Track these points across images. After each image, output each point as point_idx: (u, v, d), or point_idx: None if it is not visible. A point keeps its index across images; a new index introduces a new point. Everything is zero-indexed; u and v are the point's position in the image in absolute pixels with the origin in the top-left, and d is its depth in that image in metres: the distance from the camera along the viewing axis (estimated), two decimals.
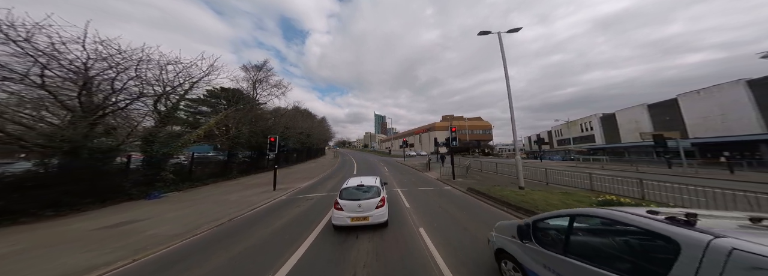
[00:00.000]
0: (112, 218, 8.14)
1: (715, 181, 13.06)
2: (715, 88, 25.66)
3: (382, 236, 6.21)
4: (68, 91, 9.60)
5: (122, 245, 5.82)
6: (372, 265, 4.70)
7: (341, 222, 6.39)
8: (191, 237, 6.57)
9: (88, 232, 6.81)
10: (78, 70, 9.60)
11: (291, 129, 31.78)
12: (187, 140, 14.09)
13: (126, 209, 9.42)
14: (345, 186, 7.33)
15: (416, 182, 15.47)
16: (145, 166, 12.18)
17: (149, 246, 5.81)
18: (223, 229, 7.22)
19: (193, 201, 10.97)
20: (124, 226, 7.29)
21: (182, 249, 5.83)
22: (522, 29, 13.08)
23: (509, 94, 12.65)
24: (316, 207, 9.62)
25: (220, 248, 5.78)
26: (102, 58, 10.06)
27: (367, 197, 6.72)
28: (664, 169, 19.00)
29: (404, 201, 10.16)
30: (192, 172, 15.41)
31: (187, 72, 13.23)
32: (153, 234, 6.66)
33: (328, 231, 6.73)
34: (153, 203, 10.54)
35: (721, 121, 24.92)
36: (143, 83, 11.38)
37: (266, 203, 10.46)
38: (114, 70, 10.32)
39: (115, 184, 10.50)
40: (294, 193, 12.75)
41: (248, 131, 21.32)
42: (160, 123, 12.79)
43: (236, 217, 8.42)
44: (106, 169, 10.15)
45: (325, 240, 6.12)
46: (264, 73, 23.87)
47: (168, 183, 12.92)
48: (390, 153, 69.64)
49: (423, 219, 7.60)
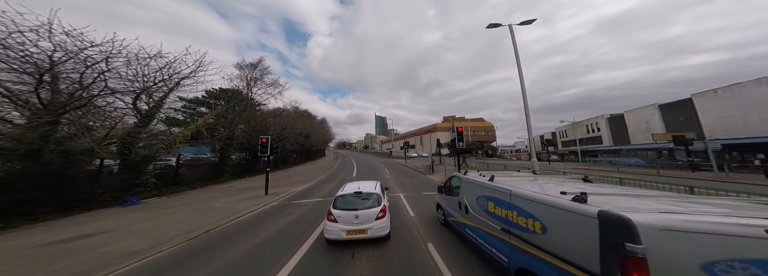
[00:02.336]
0: (70, 231, 7.02)
1: (755, 187, 11.84)
2: (736, 87, 24.34)
3: (383, 254, 5.14)
4: (22, 85, 8.53)
5: (59, 268, 4.71)
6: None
7: (335, 236, 5.41)
8: (154, 254, 5.47)
9: (28, 249, 5.68)
10: (30, 61, 8.47)
11: (289, 129, 30.72)
12: (172, 141, 12.99)
13: (92, 219, 8.31)
14: (341, 193, 6.25)
15: (420, 186, 14.33)
16: (123, 170, 11.07)
17: (94, 269, 4.69)
18: (195, 244, 6.11)
19: (173, 208, 9.86)
20: (77, 241, 6.17)
21: (135, 272, 4.71)
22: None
23: (523, 89, 11.53)
24: (308, 215, 8.51)
25: (183, 271, 4.68)
26: (70, 51, 9.00)
27: (366, 206, 5.73)
28: (687, 173, 17.76)
29: (408, 208, 9.04)
30: (178, 176, 14.30)
31: (171, 68, 12.17)
32: (108, 251, 5.54)
33: (319, 246, 5.68)
34: (127, 211, 9.43)
35: (743, 122, 23.58)
36: (117, 78, 10.28)
37: (253, 211, 9.35)
38: (83, 64, 9.25)
39: (83, 191, 9.39)
40: (287, 199, 11.64)
41: (242, 132, 20.27)
42: (141, 123, 11.71)
43: (215, 228, 7.31)
44: (72, 174, 9.01)
45: (315, 259, 5.05)
46: (259, 72, 22.82)
47: (149, 188, 11.82)
48: (391, 154, 68.54)
49: (431, 232, 6.51)
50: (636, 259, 2.11)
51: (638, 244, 2.10)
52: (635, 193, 3.37)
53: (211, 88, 24.21)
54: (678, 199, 2.99)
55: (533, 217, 3.28)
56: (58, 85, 9.25)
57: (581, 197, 2.73)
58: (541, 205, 3.19)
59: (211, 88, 24.56)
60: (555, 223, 2.97)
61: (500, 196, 4.13)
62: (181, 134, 13.75)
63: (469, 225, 5.19)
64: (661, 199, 2.92)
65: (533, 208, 3.33)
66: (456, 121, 75.48)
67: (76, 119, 9.76)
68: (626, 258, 2.15)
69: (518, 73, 11.83)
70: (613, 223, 2.28)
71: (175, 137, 13.37)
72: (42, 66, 8.76)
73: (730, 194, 6.13)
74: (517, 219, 3.59)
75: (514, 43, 12.12)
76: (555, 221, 2.97)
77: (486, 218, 4.49)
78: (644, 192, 3.53)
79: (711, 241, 2.02)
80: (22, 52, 8.41)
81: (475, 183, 5.21)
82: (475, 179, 5.27)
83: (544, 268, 3.01)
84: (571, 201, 2.81)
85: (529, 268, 3.23)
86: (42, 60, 8.84)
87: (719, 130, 25.78)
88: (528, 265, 3.27)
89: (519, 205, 3.61)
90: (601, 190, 3.48)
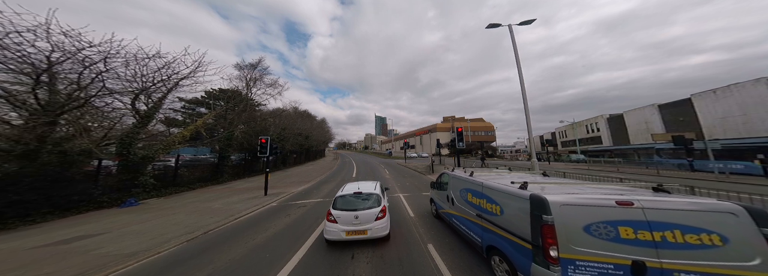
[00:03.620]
0: (67, 232, 6.96)
1: (755, 187, 11.81)
2: (734, 87, 24.30)
3: (383, 255, 5.10)
4: (19, 86, 8.47)
5: (55, 270, 4.65)
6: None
7: (335, 236, 5.40)
8: (151, 256, 5.42)
9: (25, 251, 5.62)
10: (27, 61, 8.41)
11: (288, 130, 30.64)
12: (171, 142, 12.93)
13: (90, 220, 8.24)
14: (340, 193, 6.23)
15: (420, 186, 14.27)
16: (122, 171, 11.00)
17: (90, 271, 4.63)
18: (193, 245, 6.06)
19: (171, 209, 9.80)
20: (74, 243, 6.11)
21: (132, 274, 4.66)
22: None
23: (523, 89, 11.49)
24: (308, 216, 8.46)
25: (181, 273, 4.63)
26: (68, 52, 8.94)
27: (366, 207, 5.72)
28: (687, 173, 17.69)
29: (408, 209, 8.99)
30: (177, 176, 14.23)
31: (170, 68, 12.11)
32: (105, 253, 5.49)
33: (318, 247, 5.64)
34: (125, 212, 9.36)
35: (742, 122, 23.54)
36: (115, 78, 10.21)
37: (252, 211, 9.29)
38: (81, 65, 9.18)
39: (81, 192, 9.32)
40: (286, 199, 11.58)
41: (242, 132, 20.20)
42: (140, 123, 11.64)
43: (214, 230, 7.26)
44: (70, 175, 8.93)
45: (314, 260, 5.00)
46: (259, 72, 22.75)
47: (148, 189, 11.75)
48: (391, 155, 68.41)
49: (431, 232, 6.46)
50: (548, 226, 3.08)
51: (549, 215, 3.10)
52: (559, 182, 4.63)
53: (211, 88, 24.14)
54: (582, 185, 4.19)
55: (495, 203, 4.26)
56: (56, 86, 9.18)
57: (523, 185, 3.82)
58: (500, 192, 4.20)
59: (211, 89, 24.49)
60: (507, 206, 3.95)
61: (475, 187, 5.07)
62: (180, 135, 13.67)
63: (454, 215, 6.03)
64: (571, 186, 4.07)
65: (495, 195, 4.30)
66: (456, 122, 75.46)
67: (74, 120, 9.70)
68: (544, 225, 3.11)
69: (518, 73, 11.80)
70: (537, 201, 3.28)
71: (174, 138, 13.30)
72: (39, 66, 8.70)
73: (653, 185, 7.42)
74: (486, 205, 4.53)
75: (514, 43, 12.09)
76: (507, 204, 3.95)
77: (466, 207, 5.37)
78: (564, 180, 4.90)
79: (588, 210, 3.07)
80: (19, 52, 8.35)
81: (458, 178, 6.10)
82: (459, 175, 6.18)
83: (503, 242, 3.91)
84: (517, 188, 3.82)
85: (494, 244, 4.12)
86: (39, 60, 8.78)
87: (719, 130, 25.75)
88: (493, 242, 4.17)
89: (488, 194, 4.56)
90: (539, 180, 4.67)
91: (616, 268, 2.83)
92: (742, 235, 2.70)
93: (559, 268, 2.96)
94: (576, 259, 2.94)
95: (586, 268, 2.90)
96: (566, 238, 3.01)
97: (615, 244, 2.89)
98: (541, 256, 3.08)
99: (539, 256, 3.11)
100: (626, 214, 2.96)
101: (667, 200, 3.05)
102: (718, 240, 2.71)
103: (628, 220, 2.93)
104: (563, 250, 2.99)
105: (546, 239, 3.06)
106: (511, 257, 3.64)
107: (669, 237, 2.81)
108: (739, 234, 2.71)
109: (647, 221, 2.90)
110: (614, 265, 2.84)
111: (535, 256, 3.17)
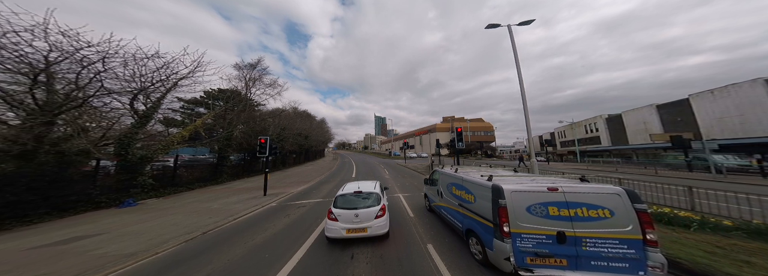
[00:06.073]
0: (64, 233, 6.91)
1: (754, 187, 11.84)
2: (732, 87, 24.40)
3: (383, 255, 5.10)
4: (17, 86, 8.42)
5: (52, 271, 4.61)
6: None
7: (335, 234, 5.49)
8: (149, 257, 5.38)
9: (22, 252, 5.58)
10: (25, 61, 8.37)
11: (288, 130, 30.60)
12: (170, 142, 12.88)
13: (88, 220, 8.20)
14: (341, 192, 6.29)
15: (419, 186, 14.26)
16: (120, 171, 10.95)
17: (88, 272, 4.60)
18: (191, 246, 6.02)
19: (170, 209, 9.76)
20: (72, 243, 6.07)
21: (130, 275, 4.63)
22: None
23: (522, 89, 11.50)
24: (307, 216, 8.44)
25: (180, 273, 4.60)
26: (66, 51, 8.90)
27: (366, 205, 5.80)
28: (685, 173, 17.74)
29: (407, 209, 8.98)
30: (176, 177, 14.18)
31: (169, 68, 12.08)
32: (103, 253, 5.45)
33: (318, 247, 5.63)
34: (123, 212, 9.32)
35: (739, 122, 23.65)
36: (114, 78, 10.17)
37: (251, 212, 9.26)
38: (79, 64, 9.14)
39: (79, 192, 9.27)
40: (286, 199, 11.55)
41: (241, 132, 20.15)
42: (138, 123, 11.60)
43: (213, 230, 7.23)
44: (67, 176, 8.88)
45: (314, 260, 4.98)
46: (258, 72, 22.73)
47: (146, 189, 11.70)
48: (390, 155, 68.41)
49: (430, 232, 6.46)
50: (503, 207, 3.98)
51: (504, 200, 4.01)
52: (516, 175, 5.75)
53: (210, 88, 24.07)
54: (530, 177, 5.35)
55: (471, 193, 5.20)
56: (54, 86, 9.13)
57: (489, 178, 4.85)
58: (473, 184, 5.15)
59: (210, 89, 24.42)
60: (479, 196, 4.84)
61: (458, 181, 5.98)
62: (179, 135, 13.63)
63: (443, 206, 6.91)
64: (524, 178, 5.16)
65: (471, 187, 5.23)
66: (455, 122, 75.52)
67: (72, 120, 9.65)
68: (500, 207, 4.00)
69: (517, 73, 11.81)
70: (496, 189, 4.20)
71: (173, 138, 13.26)
72: (37, 66, 8.66)
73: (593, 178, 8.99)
74: (465, 196, 5.42)
75: (513, 43, 12.10)
76: (479, 194, 4.85)
77: (451, 198, 6.23)
78: (522, 175, 6.02)
79: (529, 195, 4.00)
80: (16, 51, 8.31)
81: (446, 174, 7.02)
82: (447, 171, 7.12)
83: (476, 225, 4.77)
84: (486, 180, 4.75)
85: (470, 227, 4.97)
86: (37, 60, 8.75)
87: (717, 130, 25.86)
88: (470, 226, 5.01)
89: (466, 186, 5.47)
90: (501, 174, 5.92)
91: (547, 238, 3.75)
92: (622, 209, 3.69)
93: (510, 240, 3.84)
94: (521, 233, 3.84)
95: (528, 239, 3.81)
96: (514, 217, 3.90)
97: (546, 219, 3.81)
98: (499, 232, 3.94)
99: (498, 232, 3.96)
100: (553, 197, 3.89)
101: (581, 186, 4.02)
102: (608, 213, 3.71)
103: (554, 202, 3.87)
104: (513, 226, 3.87)
105: (501, 218, 3.94)
106: (481, 236, 4.48)
107: (579, 212, 3.77)
108: (621, 208, 3.70)
109: (566, 201, 3.83)
110: (545, 235, 3.76)
111: (495, 232, 4.01)
